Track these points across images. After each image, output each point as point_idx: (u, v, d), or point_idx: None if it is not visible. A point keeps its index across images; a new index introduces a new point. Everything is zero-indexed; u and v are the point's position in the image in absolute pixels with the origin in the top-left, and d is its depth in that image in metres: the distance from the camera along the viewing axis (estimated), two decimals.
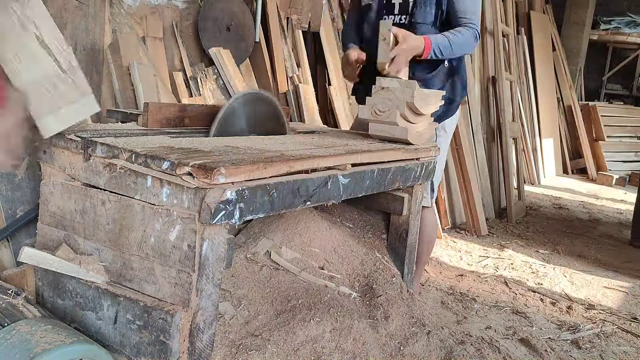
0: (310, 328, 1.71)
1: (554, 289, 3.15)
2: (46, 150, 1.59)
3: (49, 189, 1.58)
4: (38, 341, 1.27)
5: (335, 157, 1.65)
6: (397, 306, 1.96)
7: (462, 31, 2.19)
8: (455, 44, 2.17)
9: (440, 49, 2.15)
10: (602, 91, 9.19)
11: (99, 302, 1.46)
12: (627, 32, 8.52)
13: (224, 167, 1.28)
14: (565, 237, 4.30)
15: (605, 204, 5.80)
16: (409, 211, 2.18)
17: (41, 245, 1.61)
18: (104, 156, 1.45)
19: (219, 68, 3.02)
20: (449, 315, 2.64)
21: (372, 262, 2.14)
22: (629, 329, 2.67)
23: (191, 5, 2.99)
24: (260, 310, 1.77)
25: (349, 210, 2.38)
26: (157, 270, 1.39)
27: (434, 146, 2.15)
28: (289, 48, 3.52)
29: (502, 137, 4.77)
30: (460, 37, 2.18)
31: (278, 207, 1.46)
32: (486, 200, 4.57)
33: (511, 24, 5.68)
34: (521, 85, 6.15)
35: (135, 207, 1.40)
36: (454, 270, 3.30)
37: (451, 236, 3.97)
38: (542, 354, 2.26)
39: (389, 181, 1.91)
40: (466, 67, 4.41)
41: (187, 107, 1.98)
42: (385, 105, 1.99)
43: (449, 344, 1.92)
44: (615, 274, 3.52)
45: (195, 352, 1.39)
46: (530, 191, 5.87)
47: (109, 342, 1.45)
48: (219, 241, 1.36)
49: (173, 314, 1.34)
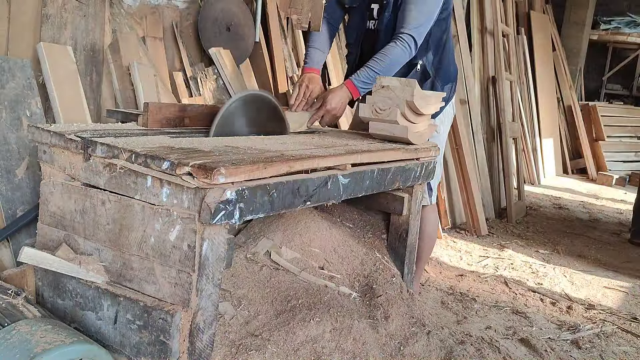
0: (310, 328, 1.71)
1: (554, 289, 3.15)
2: (46, 150, 1.59)
3: (49, 189, 1.58)
4: (38, 341, 1.27)
5: (335, 157, 1.65)
6: (397, 306, 1.96)
7: (388, 52, 2.17)
8: (382, 69, 2.17)
9: (368, 81, 2.17)
10: (602, 91, 9.19)
11: (99, 302, 1.46)
12: (627, 32, 8.52)
13: (224, 167, 1.28)
14: (565, 237, 4.30)
15: (605, 204, 5.80)
16: (409, 211, 2.18)
17: (41, 245, 1.61)
18: (104, 156, 1.45)
19: (219, 68, 3.02)
20: (449, 315, 2.64)
21: (372, 262, 2.14)
22: (629, 329, 2.67)
23: (191, 5, 2.99)
24: (260, 310, 1.77)
25: (349, 210, 2.37)
26: (157, 270, 1.39)
27: (434, 146, 2.15)
28: (289, 48, 3.52)
29: (502, 137, 4.77)
30: (387, 59, 2.16)
31: (278, 207, 1.46)
32: (486, 200, 4.57)
33: (511, 24, 5.68)
34: (521, 85, 6.15)
35: (135, 207, 1.40)
36: (454, 270, 3.30)
37: (451, 236, 3.97)
38: (542, 354, 2.26)
39: (389, 181, 1.91)
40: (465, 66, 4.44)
41: (187, 107, 1.98)
42: (385, 103, 1.99)
43: (449, 344, 1.92)
44: (615, 274, 3.52)
45: (195, 352, 1.39)
46: (530, 191, 5.87)
47: (109, 342, 1.45)
48: (219, 241, 1.36)
49: (173, 314, 1.34)
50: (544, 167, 6.73)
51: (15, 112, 2.04)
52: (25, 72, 2.11)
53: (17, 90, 2.06)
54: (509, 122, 4.84)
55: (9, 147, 1.99)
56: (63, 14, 2.31)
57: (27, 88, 2.09)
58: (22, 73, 2.09)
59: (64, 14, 2.31)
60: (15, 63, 2.09)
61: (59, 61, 2.21)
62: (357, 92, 2.20)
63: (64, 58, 2.26)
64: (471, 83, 4.61)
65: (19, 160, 2.01)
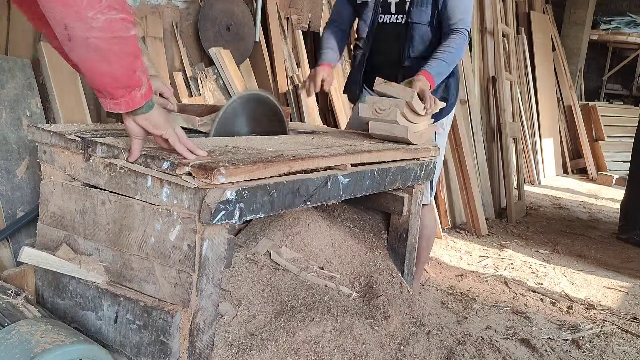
0: (310, 328, 1.71)
1: (554, 289, 3.15)
2: (46, 150, 1.59)
3: (49, 189, 1.58)
4: (38, 341, 1.27)
5: (335, 157, 1.65)
6: (397, 306, 1.96)
7: (452, 43, 2.19)
8: (451, 60, 2.19)
9: (441, 73, 2.19)
10: (602, 91, 9.19)
11: (99, 302, 1.46)
12: (627, 32, 8.51)
13: (224, 167, 1.28)
14: (565, 237, 4.30)
15: (605, 204, 5.80)
16: (409, 211, 2.17)
17: (41, 245, 1.61)
18: (104, 156, 1.45)
19: (219, 68, 3.02)
20: (449, 315, 2.64)
21: (372, 262, 2.14)
22: (629, 329, 2.67)
23: (191, 5, 2.99)
24: (260, 310, 1.77)
25: (349, 210, 2.37)
26: (157, 270, 1.39)
27: (434, 146, 2.15)
28: (289, 48, 3.52)
29: (502, 137, 4.77)
30: (453, 51, 2.19)
31: (278, 207, 1.46)
32: (486, 200, 4.57)
33: (511, 24, 5.68)
34: (521, 85, 6.15)
35: (135, 207, 1.40)
36: (454, 270, 3.30)
37: (451, 236, 3.97)
38: (542, 354, 2.26)
39: (389, 181, 1.91)
40: (465, 66, 4.44)
41: (187, 107, 1.98)
42: (385, 103, 1.99)
43: (449, 344, 1.92)
44: (615, 274, 3.52)
45: (195, 352, 1.39)
46: (530, 191, 5.87)
47: (109, 342, 1.45)
48: (219, 241, 1.36)
49: (173, 314, 1.34)
50: (544, 167, 6.73)
51: (15, 112, 2.04)
52: (25, 72, 2.11)
53: (17, 90, 2.06)
54: (509, 122, 4.84)
55: (9, 147, 1.99)
56: None
57: (27, 88, 2.10)
58: (22, 73, 2.10)
59: None
60: (15, 63, 2.09)
61: (59, 61, 2.21)
62: (434, 81, 2.17)
63: None
64: (471, 83, 4.61)
65: (19, 160, 2.01)
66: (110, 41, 1.13)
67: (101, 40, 1.12)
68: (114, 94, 1.22)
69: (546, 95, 6.78)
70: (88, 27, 1.10)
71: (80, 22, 1.09)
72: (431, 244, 2.58)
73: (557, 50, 7.23)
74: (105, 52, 1.14)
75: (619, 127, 7.73)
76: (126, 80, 1.20)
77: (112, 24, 1.12)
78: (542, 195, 5.85)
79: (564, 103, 7.36)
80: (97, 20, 1.10)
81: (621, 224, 4.39)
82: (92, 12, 1.09)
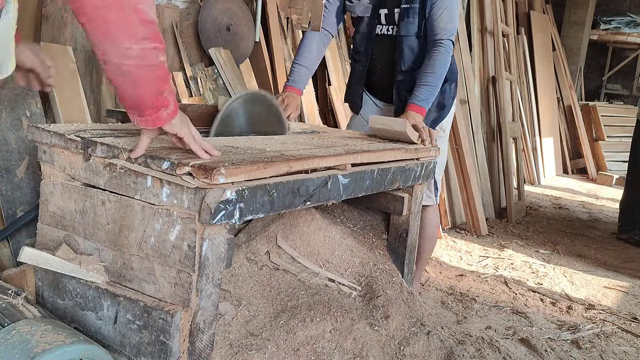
0: (310, 328, 1.71)
1: (554, 289, 3.15)
2: (46, 150, 1.59)
3: (49, 189, 1.58)
4: (38, 341, 1.27)
5: (335, 157, 1.65)
6: (397, 306, 1.96)
7: (435, 62, 2.18)
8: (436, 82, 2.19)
9: (429, 97, 2.20)
10: (602, 91, 9.18)
11: (99, 302, 1.46)
12: (627, 32, 8.51)
13: (224, 167, 1.28)
14: (565, 237, 4.31)
15: (605, 204, 5.80)
16: (409, 211, 2.17)
17: (41, 245, 1.61)
18: (104, 156, 1.45)
19: (219, 68, 3.02)
20: (449, 315, 2.64)
21: (372, 262, 2.14)
22: (629, 329, 2.67)
23: (191, 5, 2.99)
24: (260, 310, 1.77)
25: (349, 210, 2.37)
26: (157, 270, 1.39)
27: (434, 146, 2.15)
28: (289, 48, 3.52)
29: (502, 137, 4.77)
30: (437, 70, 2.18)
31: (278, 207, 1.46)
32: (486, 200, 4.57)
33: (511, 24, 5.68)
34: (521, 85, 6.15)
35: (135, 207, 1.40)
36: (454, 270, 3.30)
37: (451, 236, 3.97)
38: (542, 354, 2.26)
39: (389, 181, 1.91)
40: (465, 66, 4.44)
41: (187, 107, 1.98)
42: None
43: (449, 344, 1.92)
44: (615, 274, 3.52)
45: (195, 352, 1.39)
46: (530, 191, 5.87)
47: (109, 342, 1.45)
48: (219, 241, 1.36)
49: (173, 314, 1.34)
50: (544, 167, 6.73)
51: (15, 112, 2.04)
52: None
53: (17, 90, 2.06)
54: (509, 122, 4.84)
55: (9, 147, 1.99)
56: (63, 14, 2.31)
57: (27, 88, 2.09)
58: None
59: (64, 14, 2.31)
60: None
61: (59, 61, 2.21)
62: (424, 110, 2.20)
63: (64, 58, 2.26)
64: (471, 83, 4.61)
65: (19, 160, 2.01)
66: (141, 69, 1.21)
67: (133, 67, 1.20)
68: (142, 112, 1.29)
69: (546, 95, 6.78)
70: (122, 55, 1.18)
71: (116, 50, 1.18)
72: (433, 244, 2.58)
73: (557, 50, 7.23)
74: (136, 77, 1.22)
75: (619, 127, 7.73)
76: (154, 102, 1.28)
77: (145, 53, 1.20)
78: (542, 195, 5.85)
79: (564, 103, 7.36)
80: (131, 50, 1.18)
81: (621, 224, 4.40)
82: (129, 44, 1.17)
